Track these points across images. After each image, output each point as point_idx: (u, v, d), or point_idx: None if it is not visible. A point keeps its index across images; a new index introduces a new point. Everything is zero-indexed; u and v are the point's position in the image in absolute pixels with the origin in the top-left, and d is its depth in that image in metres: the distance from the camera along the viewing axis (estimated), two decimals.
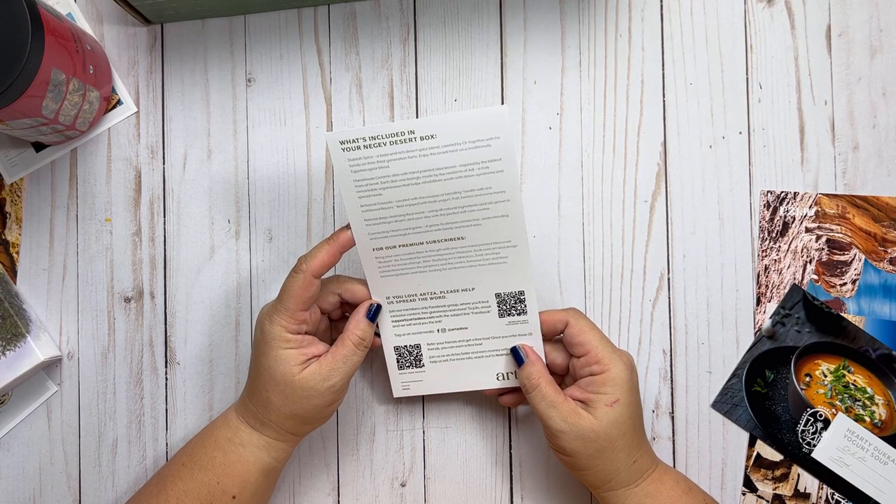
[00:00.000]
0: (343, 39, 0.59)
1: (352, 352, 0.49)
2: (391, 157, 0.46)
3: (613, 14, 0.57)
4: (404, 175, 0.47)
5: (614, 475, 0.48)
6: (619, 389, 0.47)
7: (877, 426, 0.53)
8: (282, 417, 0.49)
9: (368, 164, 0.46)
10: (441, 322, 0.53)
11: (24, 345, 0.55)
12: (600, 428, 0.47)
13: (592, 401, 0.48)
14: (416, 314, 0.52)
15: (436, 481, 0.57)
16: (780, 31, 0.56)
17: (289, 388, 0.47)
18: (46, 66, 0.48)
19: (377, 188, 0.47)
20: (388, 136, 0.46)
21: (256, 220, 0.59)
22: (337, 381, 0.48)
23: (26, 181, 0.59)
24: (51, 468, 0.58)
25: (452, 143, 0.46)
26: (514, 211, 0.48)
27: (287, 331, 0.48)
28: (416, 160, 0.46)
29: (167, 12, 0.57)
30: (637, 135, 0.57)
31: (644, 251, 0.57)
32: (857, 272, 0.55)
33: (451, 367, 0.54)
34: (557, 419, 0.47)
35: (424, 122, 0.45)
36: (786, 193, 0.56)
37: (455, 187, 0.47)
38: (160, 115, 0.59)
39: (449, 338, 0.53)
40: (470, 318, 0.52)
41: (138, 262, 0.59)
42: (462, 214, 0.48)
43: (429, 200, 0.48)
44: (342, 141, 0.46)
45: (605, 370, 0.48)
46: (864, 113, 0.56)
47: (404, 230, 0.49)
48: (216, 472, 0.49)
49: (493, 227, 0.49)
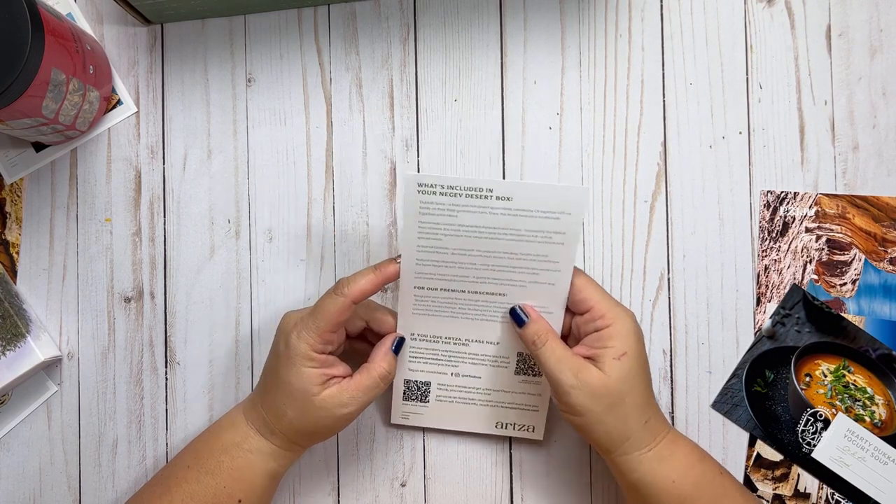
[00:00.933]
0: (343, 39, 0.59)
1: (374, 384, 0.48)
2: (462, 208, 0.47)
3: (613, 14, 0.57)
4: (469, 227, 0.47)
5: (627, 435, 0.46)
6: (626, 342, 0.46)
7: (877, 426, 0.53)
8: (293, 430, 0.49)
9: (438, 210, 0.47)
10: (457, 367, 0.53)
11: (24, 345, 0.55)
12: (610, 382, 0.45)
13: (600, 356, 0.46)
14: (436, 355, 0.53)
15: (436, 481, 0.57)
16: (780, 31, 0.56)
17: (306, 406, 0.47)
18: (46, 66, 0.48)
19: (439, 234, 0.48)
20: (466, 190, 0.46)
21: (256, 220, 0.59)
22: (353, 410, 0.48)
23: (26, 181, 0.59)
24: (51, 468, 0.58)
25: (526, 208, 0.46)
26: (561, 282, 0.49)
27: (313, 349, 0.47)
28: (486, 216, 0.47)
29: (167, 12, 0.57)
30: (637, 135, 0.57)
31: (644, 251, 0.57)
32: (857, 272, 0.55)
33: (455, 409, 0.55)
34: (568, 374, 0.46)
35: (504, 185, 0.46)
36: (786, 193, 0.56)
37: (514, 248, 0.48)
38: (160, 115, 0.59)
39: (461, 382, 0.54)
40: (487, 369, 0.53)
41: (138, 262, 0.59)
42: (511, 273, 0.49)
43: (484, 255, 0.48)
44: (420, 183, 0.46)
45: (609, 324, 0.47)
46: (864, 113, 0.56)
47: (451, 276, 0.49)
48: (223, 477, 0.48)
49: (537, 291, 0.49)
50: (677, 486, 0.46)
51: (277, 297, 0.58)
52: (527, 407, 0.55)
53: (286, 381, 0.48)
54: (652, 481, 0.46)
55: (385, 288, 0.57)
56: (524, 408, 0.55)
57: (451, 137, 0.58)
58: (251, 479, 0.49)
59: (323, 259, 0.58)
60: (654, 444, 0.47)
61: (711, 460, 0.49)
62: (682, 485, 0.46)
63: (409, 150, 0.58)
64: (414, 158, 0.58)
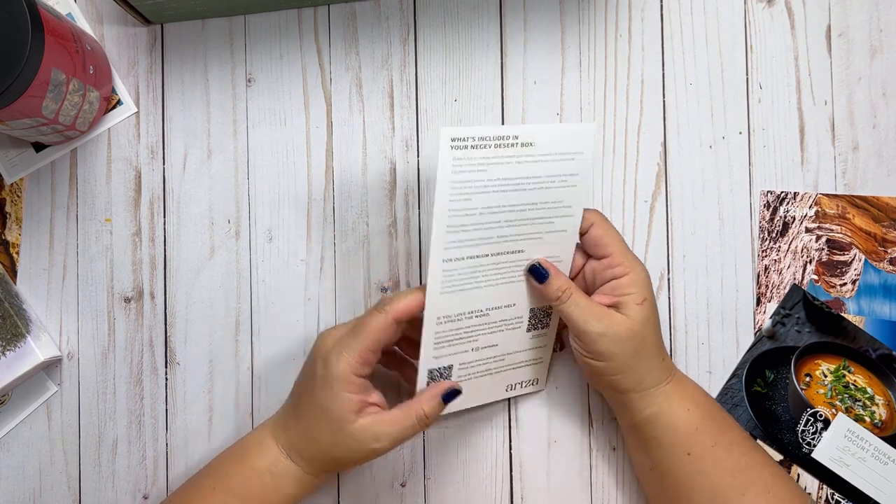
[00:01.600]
0: (343, 39, 0.59)
1: (412, 425, 0.47)
2: (492, 160, 0.47)
3: (613, 14, 0.57)
4: (498, 181, 0.47)
5: (645, 374, 0.49)
6: (645, 290, 0.48)
7: (877, 426, 0.53)
8: (324, 456, 0.47)
9: (469, 166, 0.47)
10: (477, 340, 0.52)
11: (24, 345, 0.55)
12: (635, 326, 0.47)
13: (622, 303, 0.48)
14: (458, 335, 0.51)
15: (436, 481, 0.57)
16: (780, 31, 0.56)
17: (339, 434, 0.46)
18: (46, 66, 0.48)
19: (469, 192, 0.47)
20: (494, 139, 0.46)
21: (256, 220, 0.59)
22: (385, 446, 0.46)
23: (26, 181, 0.59)
24: (51, 468, 0.58)
25: (547, 152, 0.47)
26: (572, 227, 0.50)
27: (353, 372, 0.46)
28: (513, 166, 0.47)
29: (167, 12, 0.57)
30: (637, 135, 0.57)
31: (644, 251, 0.57)
32: (857, 272, 0.55)
33: (473, 385, 0.54)
34: (595, 322, 0.47)
35: (526, 129, 0.47)
36: (786, 193, 0.56)
37: (534, 198, 0.48)
38: (160, 115, 0.59)
39: (479, 356, 0.53)
40: (504, 334, 0.53)
41: (138, 263, 0.59)
42: (530, 226, 0.49)
43: (508, 210, 0.48)
44: (453, 138, 0.45)
45: (628, 271, 0.48)
46: (864, 113, 0.56)
47: (476, 240, 0.49)
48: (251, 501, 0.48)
49: (551, 241, 0.50)
50: (692, 413, 0.48)
51: (277, 297, 0.58)
52: (534, 361, 0.55)
53: (323, 405, 0.46)
54: (670, 409, 0.48)
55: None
56: (531, 363, 0.55)
57: None
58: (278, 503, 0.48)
59: (323, 259, 0.58)
60: (670, 378, 0.49)
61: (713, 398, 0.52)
62: (695, 413, 0.48)
63: (409, 150, 0.58)
64: (414, 158, 0.58)
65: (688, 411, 0.48)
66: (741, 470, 0.47)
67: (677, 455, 0.48)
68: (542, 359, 0.55)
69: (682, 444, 0.48)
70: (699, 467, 0.47)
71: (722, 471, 0.47)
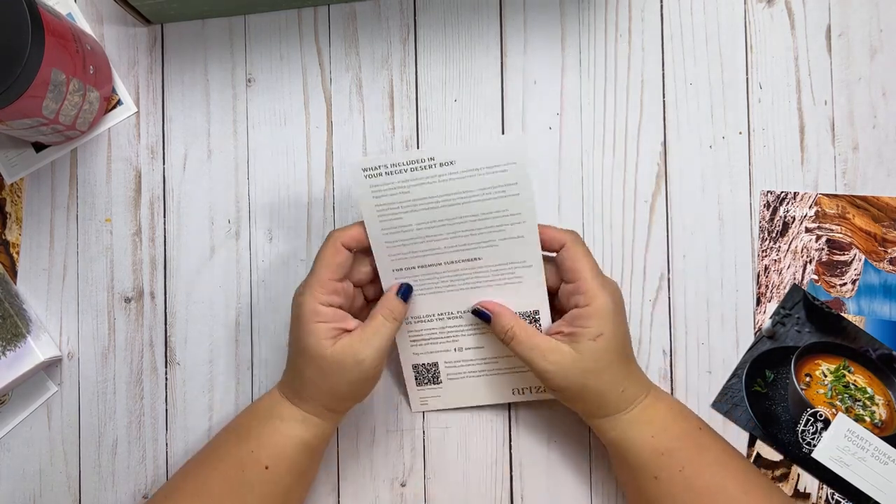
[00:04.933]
0: (343, 39, 0.59)
1: (381, 324, 0.48)
2: (412, 182, 0.48)
3: (613, 14, 0.57)
4: (424, 200, 0.48)
5: (604, 404, 0.48)
6: (603, 323, 0.47)
7: (877, 426, 0.53)
8: (318, 393, 0.49)
9: (390, 190, 0.48)
10: (458, 341, 0.54)
11: (24, 345, 0.55)
12: (582, 362, 0.47)
13: (577, 335, 0.47)
14: (434, 334, 0.54)
15: (436, 481, 0.57)
16: (780, 31, 0.56)
17: (322, 363, 0.47)
18: (46, 66, 0.48)
19: (398, 212, 0.49)
20: (409, 164, 0.47)
21: (256, 220, 0.59)
22: (367, 357, 0.47)
23: (26, 181, 0.59)
24: (51, 468, 0.58)
25: (471, 168, 0.47)
26: (529, 232, 0.49)
27: (319, 302, 0.48)
28: (436, 185, 0.48)
29: (167, 12, 0.57)
30: (637, 135, 0.57)
31: (644, 251, 0.57)
32: (857, 272, 0.55)
33: (469, 384, 0.55)
34: (540, 360, 0.47)
35: (444, 150, 0.47)
36: (786, 193, 0.56)
37: (473, 210, 0.49)
38: (160, 115, 0.59)
39: (466, 356, 0.54)
40: (486, 337, 0.53)
41: (138, 263, 0.59)
42: (479, 236, 0.49)
43: (447, 223, 0.49)
44: (364, 168, 0.47)
45: (588, 303, 0.48)
46: (864, 113, 0.56)
47: (423, 252, 0.50)
48: (252, 442, 0.49)
49: (509, 248, 0.50)
50: (656, 440, 0.48)
51: (277, 297, 0.58)
52: None
53: (301, 341, 0.48)
54: (632, 435, 0.48)
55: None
56: None
57: (451, 138, 0.58)
58: (279, 446, 0.49)
59: None
60: (632, 407, 0.49)
61: (693, 417, 0.50)
62: (661, 439, 0.48)
63: (408, 150, 0.58)
64: None
65: (652, 438, 0.47)
66: (713, 493, 0.46)
67: (645, 477, 0.48)
68: None
69: (647, 468, 0.47)
70: (667, 490, 0.47)
71: (691, 493, 0.46)
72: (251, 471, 0.48)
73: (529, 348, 0.48)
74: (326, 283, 0.48)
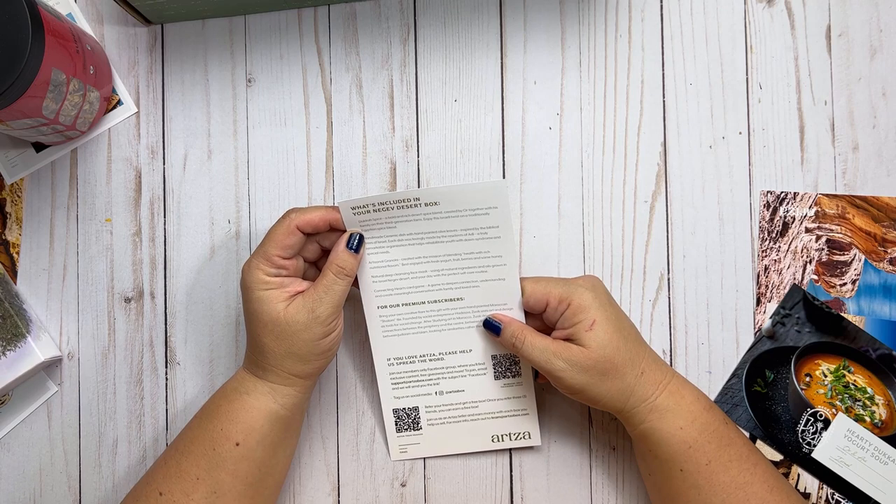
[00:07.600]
0: (343, 39, 0.59)
1: (332, 281, 0.48)
2: (399, 218, 0.49)
3: (613, 14, 0.57)
4: (410, 235, 0.50)
5: (629, 392, 0.48)
6: (591, 312, 0.48)
7: (877, 426, 0.53)
8: (279, 359, 0.49)
9: (377, 224, 0.50)
10: (439, 385, 0.54)
11: (25, 345, 0.55)
12: (592, 353, 0.47)
13: (574, 333, 0.48)
14: (416, 376, 0.54)
15: (436, 481, 0.57)
16: (780, 32, 0.56)
17: (278, 327, 0.48)
18: (47, 66, 0.48)
19: (385, 246, 0.50)
20: (395, 203, 0.49)
21: (256, 220, 0.59)
22: (322, 311, 0.48)
23: (26, 181, 0.59)
24: (51, 468, 0.58)
25: (455, 209, 0.49)
26: (510, 275, 0.51)
27: (266, 274, 0.48)
28: (421, 223, 0.49)
29: (167, 12, 0.57)
30: (637, 135, 0.57)
31: (644, 251, 0.57)
32: (857, 272, 0.55)
33: (448, 430, 0.55)
34: (554, 360, 0.48)
35: (428, 191, 0.49)
36: (786, 193, 0.56)
37: (456, 249, 0.50)
38: (160, 115, 0.59)
39: (446, 400, 0.55)
40: (467, 380, 0.54)
41: (138, 263, 0.59)
42: (462, 276, 0.51)
43: (432, 260, 0.51)
44: (353, 207, 0.49)
45: (569, 303, 0.49)
46: (864, 113, 0.56)
47: (408, 289, 0.52)
48: (220, 420, 0.49)
49: (490, 290, 0.51)
50: (684, 431, 0.48)
51: None
52: (517, 412, 0.55)
53: (253, 311, 0.49)
54: (660, 428, 0.48)
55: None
56: (514, 414, 0.55)
57: (451, 138, 0.58)
58: (248, 420, 0.49)
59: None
60: (657, 392, 0.48)
61: (718, 410, 0.50)
62: (689, 431, 0.47)
63: (409, 151, 0.58)
64: (414, 158, 0.58)
65: (680, 429, 0.47)
66: (739, 487, 0.46)
67: (671, 469, 0.48)
68: (528, 411, 0.55)
69: (674, 461, 0.48)
70: (693, 482, 0.47)
71: (717, 487, 0.47)
72: (222, 448, 0.48)
73: (541, 350, 0.48)
74: (274, 259, 0.48)
